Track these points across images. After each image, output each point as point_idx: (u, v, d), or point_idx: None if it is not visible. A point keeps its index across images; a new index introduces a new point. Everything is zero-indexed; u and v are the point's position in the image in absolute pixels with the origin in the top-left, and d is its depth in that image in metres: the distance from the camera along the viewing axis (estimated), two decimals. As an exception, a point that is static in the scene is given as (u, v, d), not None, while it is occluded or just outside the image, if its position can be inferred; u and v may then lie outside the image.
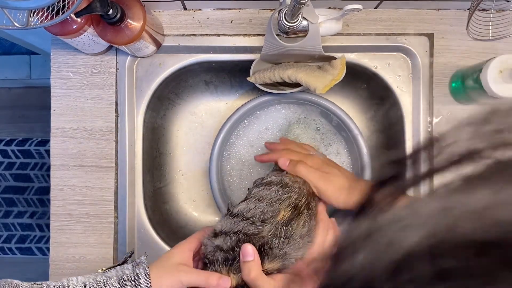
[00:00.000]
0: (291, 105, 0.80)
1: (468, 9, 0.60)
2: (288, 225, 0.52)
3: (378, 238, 0.18)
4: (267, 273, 0.50)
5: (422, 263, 0.16)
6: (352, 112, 0.73)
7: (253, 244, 0.50)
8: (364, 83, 0.79)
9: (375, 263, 0.17)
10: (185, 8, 0.70)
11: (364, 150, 0.72)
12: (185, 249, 0.55)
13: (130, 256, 0.56)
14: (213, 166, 0.73)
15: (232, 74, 0.79)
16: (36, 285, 0.47)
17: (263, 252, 0.51)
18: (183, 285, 0.51)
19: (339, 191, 0.57)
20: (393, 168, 0.21)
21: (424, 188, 0.30)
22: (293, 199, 0.54)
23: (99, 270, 0.52)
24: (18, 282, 0.47)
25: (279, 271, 0.51)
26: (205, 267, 0.54)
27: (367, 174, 0.71)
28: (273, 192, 0.55)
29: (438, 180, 0.19)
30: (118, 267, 0.52)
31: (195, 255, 0.56)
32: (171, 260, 0.53)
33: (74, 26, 0.58)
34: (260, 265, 0.50)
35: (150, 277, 0.50)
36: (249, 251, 0.49)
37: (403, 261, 0.16)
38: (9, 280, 0.46)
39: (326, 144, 0.80)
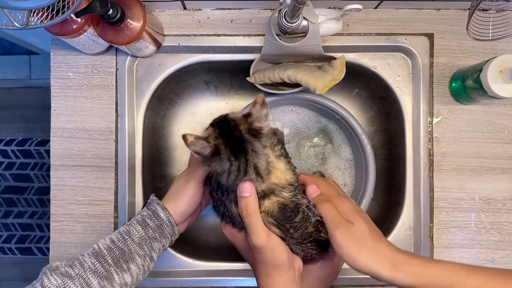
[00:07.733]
0: (291, 105, 0.80)
1: (468, 9, 0.60)
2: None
3: None
4: None
5: None
6: (352, 112, 0.73)
7: None
8: (356, 88, 0.79)
9: None
10: (185, 8, 0.70)
11: (368, 147, 0.71)
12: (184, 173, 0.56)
13: (145, 204, 0.56)
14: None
15: (232, 74, 0.79)
16: (72, 260, 0.49)
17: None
18: (199, 184, 0.53)
19: (358, 247, 0.47)
20: None
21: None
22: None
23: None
24: (58, 263, 0.49)
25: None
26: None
27: (371, 170, 0.71)
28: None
29: None
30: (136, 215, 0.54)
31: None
32: (176, 184, 0.55)
33: (74, 26, 0.58)
34: (257, 202, 0.49)
35: (166, 207, 0.52)
36: (246, 188, 0.48)
37: None
38: (48, 265, 0.48)
39: (325, 143, 0.80)
